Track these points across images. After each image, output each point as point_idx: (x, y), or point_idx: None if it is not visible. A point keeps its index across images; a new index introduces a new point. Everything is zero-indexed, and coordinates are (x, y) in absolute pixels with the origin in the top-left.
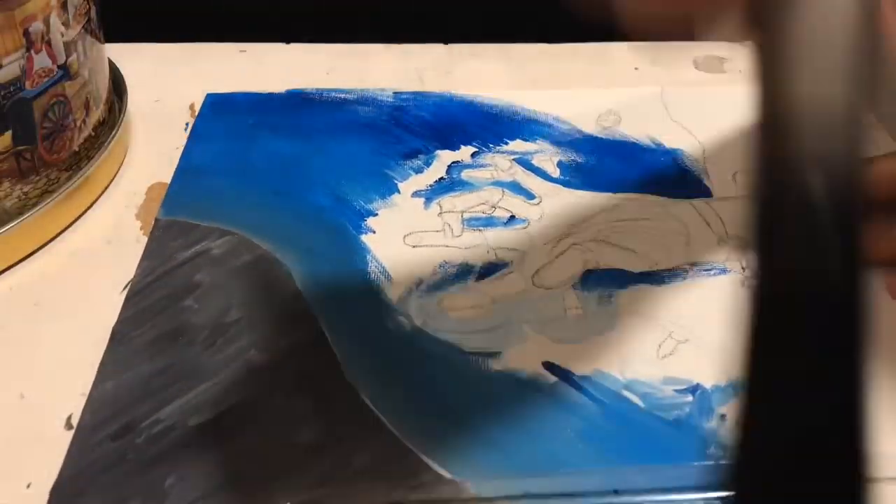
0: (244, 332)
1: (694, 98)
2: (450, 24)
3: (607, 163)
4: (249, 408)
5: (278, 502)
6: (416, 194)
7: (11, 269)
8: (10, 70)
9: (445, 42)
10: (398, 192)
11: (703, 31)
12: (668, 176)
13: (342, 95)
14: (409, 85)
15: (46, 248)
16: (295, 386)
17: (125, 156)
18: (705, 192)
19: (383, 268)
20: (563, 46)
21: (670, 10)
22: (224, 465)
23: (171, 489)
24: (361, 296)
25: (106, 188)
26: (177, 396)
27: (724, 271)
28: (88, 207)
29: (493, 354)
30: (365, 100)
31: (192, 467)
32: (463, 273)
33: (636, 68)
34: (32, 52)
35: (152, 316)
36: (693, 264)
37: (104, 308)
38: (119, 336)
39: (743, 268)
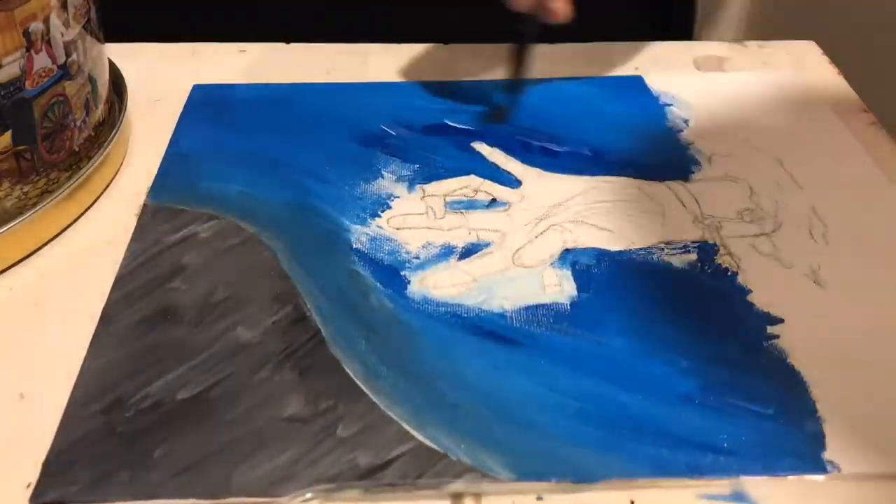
0: (231, 311)
1: (675, 82)
2: (450, 24)
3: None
4: (236, 381)
5: (265, 469)
6: (399, 179)
7: (11, 269)
8: (10, 70)
9: (445, 42)
10: (382, 177)
11: None
12: (646, 158)
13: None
14: None
15: (46, 248)
16: (280, 360)
17: (125, 156)
18: (681, 174)
19: (367, 248)
20: (563, 46)
21: None
22: (211, 436)
23: (160, 459)
24: (345, 276)
25: (106, 188)
26: (165, 372)
27: (695, 249)
28: (88, 207)
29: (471, 324)
30: (348, 89)
31: (181, 438)
32: (445, 253)
33: (636, 68)
34: (32, 52)
35: (140, 297)
36: (668, 243)
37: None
38: (108, 317)
39: (715, 247)
